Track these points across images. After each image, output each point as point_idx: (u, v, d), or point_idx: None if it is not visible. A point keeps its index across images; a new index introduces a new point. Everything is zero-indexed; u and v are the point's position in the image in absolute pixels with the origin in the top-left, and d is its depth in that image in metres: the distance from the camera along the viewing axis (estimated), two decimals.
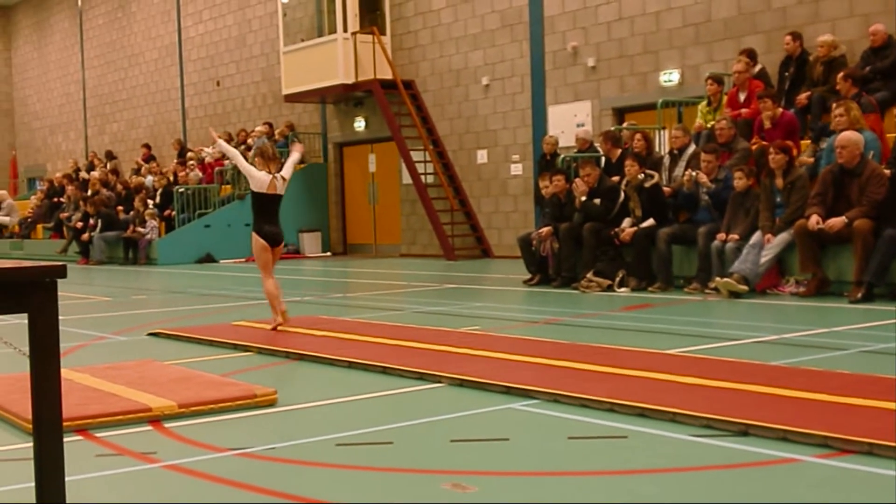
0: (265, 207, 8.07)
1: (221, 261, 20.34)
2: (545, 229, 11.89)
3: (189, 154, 23.70)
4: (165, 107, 27.93)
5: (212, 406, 5.02)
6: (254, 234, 8.05)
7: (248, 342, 7.40)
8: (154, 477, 3.95)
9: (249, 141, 22.64)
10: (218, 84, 25.63)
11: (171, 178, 22.65)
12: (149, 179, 23.35)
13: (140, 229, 20.64)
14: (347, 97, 21.11)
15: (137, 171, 24.84)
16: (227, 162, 22.30)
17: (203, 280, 15.57)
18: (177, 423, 4.81)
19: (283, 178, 8.09)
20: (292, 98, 21.60)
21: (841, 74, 11.01)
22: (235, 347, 7.35)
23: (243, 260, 20.53)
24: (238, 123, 24.51)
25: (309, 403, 5.25)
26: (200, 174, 22.18)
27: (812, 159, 10.55)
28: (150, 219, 20.76)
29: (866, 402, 4.52)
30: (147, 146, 26.89)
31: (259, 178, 8.00)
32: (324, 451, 4.24)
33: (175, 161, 24.13)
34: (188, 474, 3.93)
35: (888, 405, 4.43)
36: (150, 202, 21.47)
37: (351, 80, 19.91)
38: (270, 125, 22.97)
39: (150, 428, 4.74)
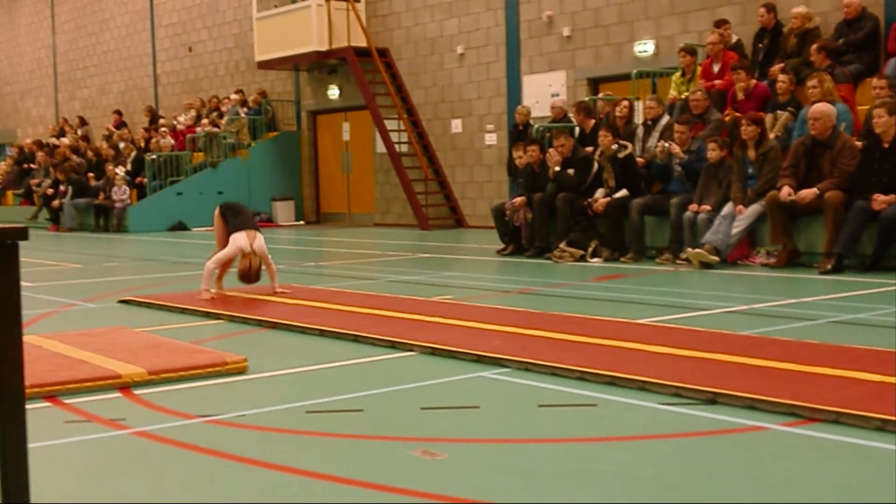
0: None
1: (193, 229, 20.22)
2: (519, 199, 11.89)
3: (161, 121, 23.47)
4: (137, 73, 27.62)
5: (181, 373, 5.00)
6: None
7: (220, 310, 7.36)
8: (123, 443, 3.93)
9: (222, 108, 22.46)
10: (190, 50, 25.36)
11: (143, 145, 22.45)
12: (121, 146, 23.15)
13: (116, 198, 20.45)
14: (321, 64, 20.96)
15: (109, 138, 24.60)
16: (199, 129, 22.13)
17: (175, 248, 15.48)
18: (146, 389, 4.79)
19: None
20: (265, 65, 21.43)
21: (814, 46, 11.05)
22: (207, 315, 7.31)
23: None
24: (210, 90, 24.28)
25: (279, 371, 5.24)
26: (172, 141, 21.99)
27: (778, 133, 10.55)
28: (122, 184, 20.58)
29: (834, 372, 4.56)
30: (118, 112, 26.61)
31: (238, 242, 7.96)
32: (293, 418, 4.23)
33: (144, 129, 23.82)
34: (157, 441, 3.91)
35: (855, 375, 4.48)
36: (121, 169, 21.28)
37: (325, 48, 19.76)
38: (242, 92, 22.81)
39: (119, 395, 4.71)
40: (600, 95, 14.59)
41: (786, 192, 9.46)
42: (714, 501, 3.04)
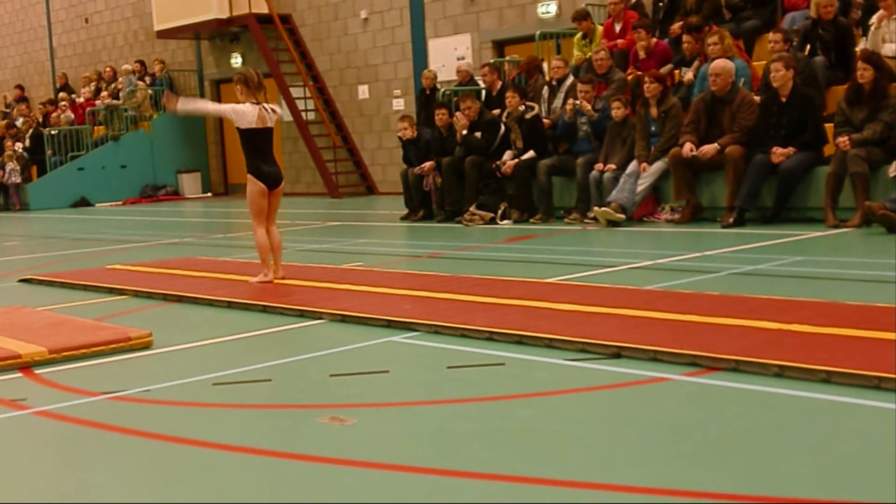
0: (258, 145, 6.92)
1: (97, 204, 19.77)
2: (427, 164, 11.87)
3: (61, 94, 22.83)
4: (33, 46, 26.78)
5: (84, 351, 4.90)
6: (251, 177, 6.93)
7: (123, 285, 7.22)
8: (24, 423, 3.85)
9: (120, 79, 21.96)
10: (87, 21, 24.65)
11: (41, 119, 21.82)
12: (19, 122, 22.47)
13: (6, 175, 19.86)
14: (223, 33, 20.55)
15: (6, 115, 23.84)
16: (98, 102, 21.58)
17: (77, 224, 15.12)
18: (48, 368, 4.68)
19: (274, 111, 7.00)
20: (165, 34, 20.94)
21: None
22: (110, 291, 7.16)
23: (120, 203, 20.02)
24: (109, 62, 23.66)
25: (186, 345, 5.16)
26: (72, 115, 21.41)
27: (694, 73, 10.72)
28: (10, 161, 19.97)
29: (733, 322, 4.66)
30: (20, 87, 25.86)
31: (245, 113, 6.84)
32: (200, 391, 4.18)
33: (43, 103, 23.15)
34: (59, 419, 3.84)
35: (754, 324, 4.58)
36: (20, 145, 20.67)
37: (225, 15, 19.39)
38: (143, 63, 22.28)
39: (19, 375, 4.61)
40: (506, 58, 14.60)
41: (688, 148, 9.61)
42: (616, 450, 3.10)
